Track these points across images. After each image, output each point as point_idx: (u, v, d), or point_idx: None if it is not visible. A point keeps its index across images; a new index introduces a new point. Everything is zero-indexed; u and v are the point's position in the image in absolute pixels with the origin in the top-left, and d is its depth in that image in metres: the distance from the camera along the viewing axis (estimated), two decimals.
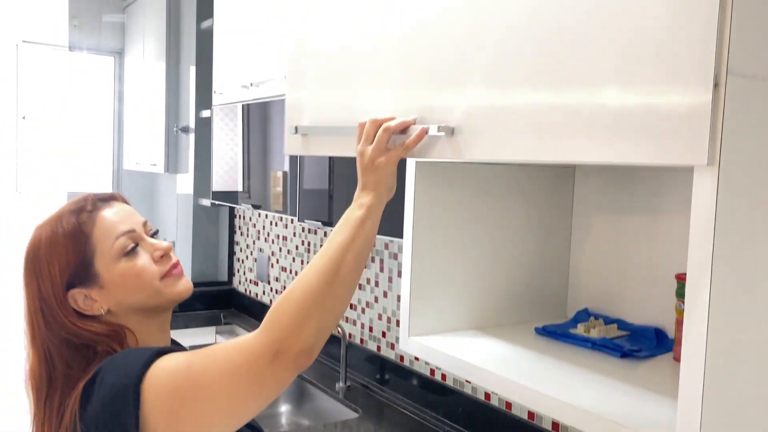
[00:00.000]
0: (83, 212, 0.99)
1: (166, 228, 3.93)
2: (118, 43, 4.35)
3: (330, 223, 2.01)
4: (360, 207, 0.95)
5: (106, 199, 1.04)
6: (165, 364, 0.89)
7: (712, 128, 0.75)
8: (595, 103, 0.83)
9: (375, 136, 0.98)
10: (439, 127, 0.95)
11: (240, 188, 2.69)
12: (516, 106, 0.90)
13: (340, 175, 1.95)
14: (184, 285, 1.04)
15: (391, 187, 0.99)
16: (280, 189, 2.42)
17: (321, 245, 1.34)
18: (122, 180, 4.37)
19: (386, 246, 2.10)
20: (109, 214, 1.01)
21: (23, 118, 4.63)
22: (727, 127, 0.76)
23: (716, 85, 0.76)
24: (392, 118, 0.99)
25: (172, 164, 3.65)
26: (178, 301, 1.03)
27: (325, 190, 2.03)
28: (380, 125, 0.98)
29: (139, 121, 4.07)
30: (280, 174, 2.45)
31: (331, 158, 1.94)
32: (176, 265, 1.05)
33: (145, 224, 1.05)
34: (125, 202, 1.07)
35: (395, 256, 2.07)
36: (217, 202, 2.85)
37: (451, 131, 0.95)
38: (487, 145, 0.93)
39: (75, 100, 4.21)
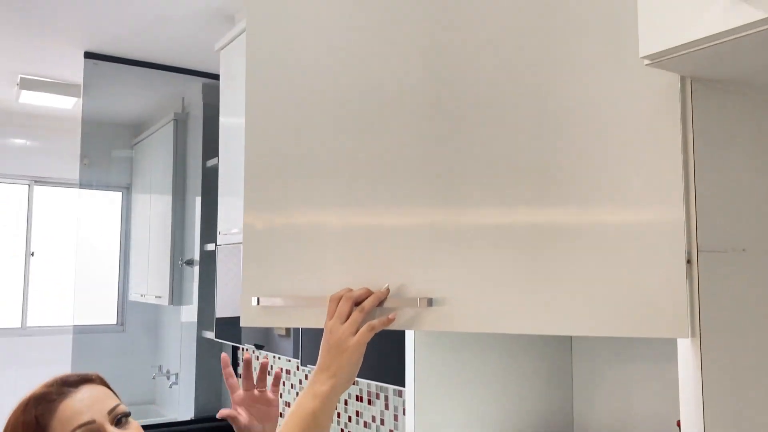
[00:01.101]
0: (44, 402, 0.96)
1: (170, 360, 3.91)
2: (126, 178, 4.51)
3: None
4: (314, 397, 0.92)
5: (78, 382, 1.00)
6: None
7: (691, 303, 0.79)
8: (582, 279, 0.87)
9: (348, 314, 0.96)
10: (419, 300, 0.96)
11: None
12: (501, 280, 0.94)
13: None
14: None
15: (351, 376, 0.95)
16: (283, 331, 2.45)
17: None
18: (127, 312, 4.39)
19: None
20: (73, 401, 0.96)
21: (32, 254, 4.73)
22: (704, 300, 0.80)
23: (689, 261, 0.80)
24: (367, 293, 0.98)
25: (177, 297, 3.69)
26: None
27: None
28: (354, 302, 0.97)
29: (145, 253, 4.15)
30: None
31: None
32: None
33: (114, 409, 0.99)
34: (102, 383, 1.03)
35: (399, 393, 2.05)
36: (219, 340, 2.86)
37: (429, 302, 0.96)
38: (470, 318, 0.95)
39: (84, 235, 4.32)
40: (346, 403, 2.28)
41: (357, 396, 2.23)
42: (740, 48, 0.72)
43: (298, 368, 2.68)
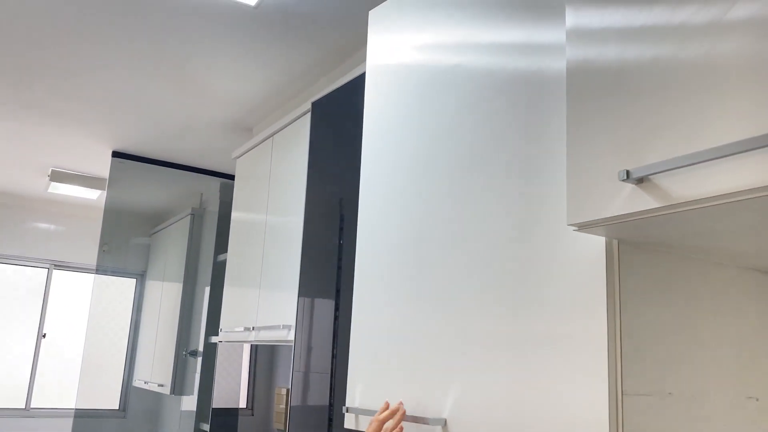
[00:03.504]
0: None
1: None
2: (142, 265, 4.69)
3: None
4: None
5: None
6: None
7: None
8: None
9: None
10: (431, 419, 1.14)
11: (243, 405, 2.75)
12: (493, 404, 1.05)
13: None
14: None
15: None
16: (283, 407, 2.47)
17: None
18: (129, 397, 4.44)
19: None
20: None
21: (44, 336, 4.84)
22: None
23: (616, 403, 0.91)
24: (390, 412, 1.20)
25: (178, 386, 3.76)
26: None
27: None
28: (381, 423, 1.20)
29: (152, 341, 4.25)
30: (284, 391, 2.50)
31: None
32: None
33: None
34: None
35: None
36: None
37: (443, 422, 1.12)
38: None
39: (95, 319, 4.44)
40: None
41: None
42: (646, 224, 0.86)
43: None
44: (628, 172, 0.81)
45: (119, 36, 2.31)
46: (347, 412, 1.37)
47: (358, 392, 1.37)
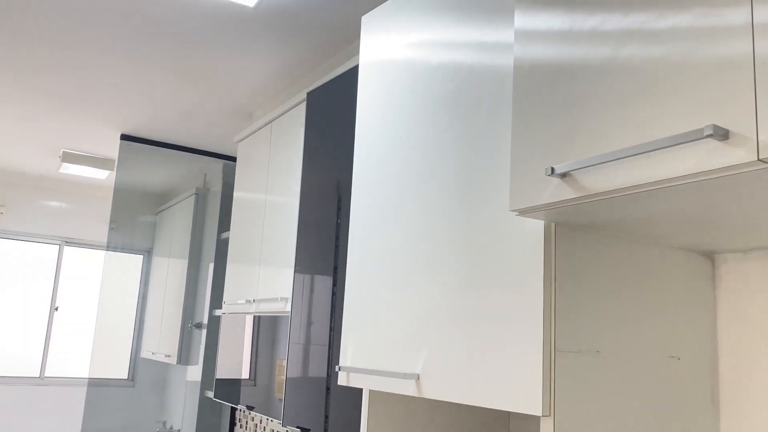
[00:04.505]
0: None
1: (173, 416, 4.15)
2: (149, 242, 4.89)
3: (307, 429, 2.28)
4: None
5: None
6: None
7: (545, 390, 1.08)
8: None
9: None
10: (407, 374, 1.33)
11: (246, 375, 2.95)
12: (453, 363, 1.24)
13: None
14: None
15: None
16: (283, 377, 2.66)
17: None
18: (138, 367, 4.67)
19: None
20: None
21: (56, 309, 5.07)
22: (559, 389, 1.09)
23: (550, 359, 1.10)
24: None
25: (184, 357, 3.97)
26: None
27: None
28: None
29: (159, 314, 4.47)
30: (284, 363, 2.68)
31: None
32: None
33: None
34: None
35: None
36: (218, 400, 3.12)
37: (416, 376, 1.32)
38: (437, 389, 1.26)
39: (105, 293, 4.66)
40: None
41: None
42: (573, 210, 1.04)
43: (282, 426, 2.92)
44: (552, 169, 0.99)
45: (127, 31, 2.48)
46: (340, 370, 1.57)
47: (350, 354, 1.57)
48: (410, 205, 1.45)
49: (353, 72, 2.13)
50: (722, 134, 0.77)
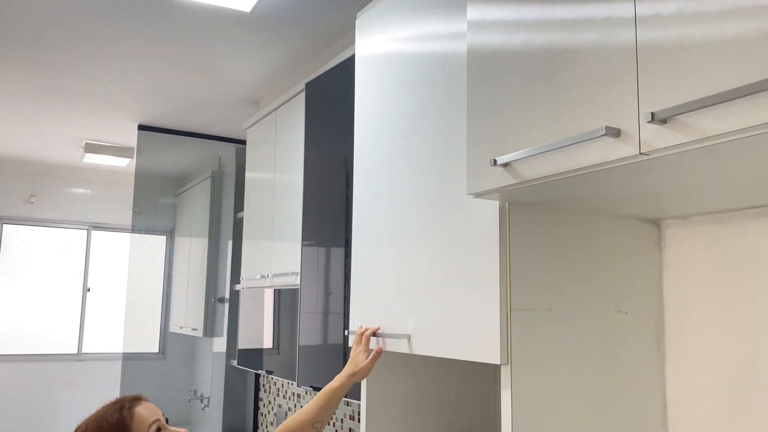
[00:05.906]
0: (123, 409, 1.35)
1: (203, 385, 4.45)
2: (170, 223, 5.15)
3: (319, 388, 2.52)
4: (338, 380, 1.61)
5: (137, 399, 1.41)
6: None
7: (507, 341, 1.29)
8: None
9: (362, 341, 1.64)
10: (400, 335, 1.55)
11: (269, 345, 3.19)
12: (436, 323, 1.46)
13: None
14: None
15: (363, 376, 1.62)
16: None
17: None
18: (167, 341, 4.98)
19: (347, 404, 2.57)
20: (141, 410, 1.38)
21: (89, 290, 5.38)
22: (515, 341, 1.29)
23: (507, 316, 1.30)
24: (376, 328, 1.64)
25: (209, 329, 4.24)
26: None
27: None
28: (363, 334, 1.65)
29: (184, 290, 4.74)
30: None
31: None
32: None
33: (162, 415, 1.48)
34: (147, 400, 1.49)
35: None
36: (241, 367, 3.39)
37: (408, 336, 1.53)
38: (423, 346, 1.48)
39: (133, 273, 4.94)
40: (342, 422, 2.77)
41: (350, 416, 2.72)
42: (518, 192, 1.23)
43: (297, 385, 3.18)
44: (495, 160, 1.18)
45: (141, 32, 2.67)
46: (348, 334, 1.79)
47: (357, 319, 1.79)
48: (405, 187, 1.65)
49: (343, 65, 2.32)
50: (614, 133, 0.96)
